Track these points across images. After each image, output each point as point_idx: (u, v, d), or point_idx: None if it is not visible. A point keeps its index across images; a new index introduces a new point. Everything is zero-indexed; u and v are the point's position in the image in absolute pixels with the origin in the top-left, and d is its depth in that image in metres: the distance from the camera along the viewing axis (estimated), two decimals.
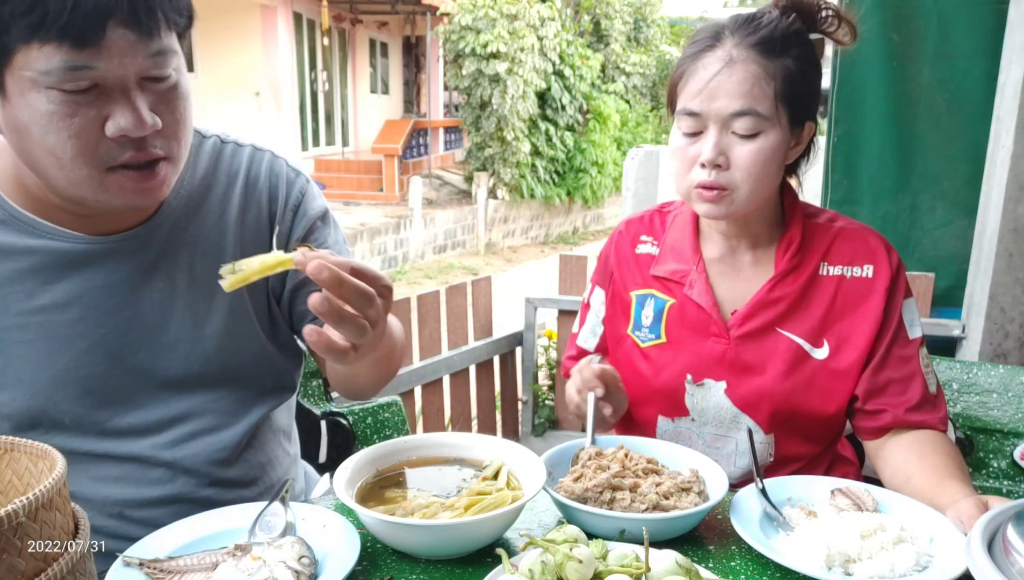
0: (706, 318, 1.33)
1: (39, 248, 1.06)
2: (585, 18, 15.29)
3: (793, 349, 1.30)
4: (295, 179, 1.23)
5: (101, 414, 1.11)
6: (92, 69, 0.90)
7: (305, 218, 1.22)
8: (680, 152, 1.26)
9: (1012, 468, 1.52)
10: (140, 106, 0.94)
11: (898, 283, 1.30)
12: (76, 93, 0.91)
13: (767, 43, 1.20)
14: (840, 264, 1.31)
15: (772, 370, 1.30)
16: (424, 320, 3.39)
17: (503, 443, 1.15)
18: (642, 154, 5.28)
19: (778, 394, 1.30)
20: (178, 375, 1.14)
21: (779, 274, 1.31)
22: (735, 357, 1.32)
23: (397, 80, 18.04)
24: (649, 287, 1.40)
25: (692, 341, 1.35)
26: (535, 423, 3.98)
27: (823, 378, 1.30)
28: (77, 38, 0.87)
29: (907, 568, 0.93)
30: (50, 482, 0.69)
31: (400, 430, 1.72)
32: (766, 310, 1.31)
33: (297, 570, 0.88)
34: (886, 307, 1.29)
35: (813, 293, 1.31)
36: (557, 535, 0.91)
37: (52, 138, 0.93)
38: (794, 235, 1.32)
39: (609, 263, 1.47)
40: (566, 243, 14.00)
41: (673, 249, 1.40)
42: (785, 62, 1.21)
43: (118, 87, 0.93)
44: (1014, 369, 1.55)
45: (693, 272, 1.36)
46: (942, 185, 2.73)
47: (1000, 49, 2.32)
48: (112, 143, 0.95)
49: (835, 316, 1.30)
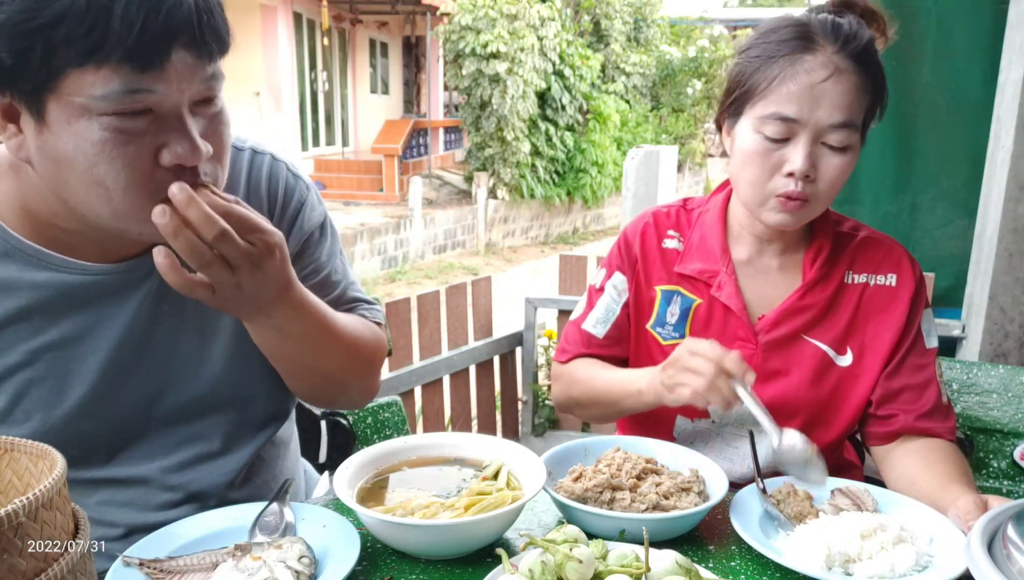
0: (734, 321, 1.32)
1: (45, 282, 1.00)
2: (585, 18, 15.28)
3: (819, 356, 1.30)
4: (295, 185, 1.18)
5: (111, 443, 1.09)
6: (151, 93, 0.85)
7: (302, 231, 1.18)
8: (761, 157, 1.19)
9: (1012, 468, 1.52)
10: (194, 133, 0.90)
11: (920, 293, 1.31)
12: (131, 119, 0.86)
13: (864, 55, 1.18)
14: (865, 272, 1.32)
15: (798, 376, 1.30)
16: (424, 320, 3.39)
17: (503, 443, 1.14)
18: (642, 154, 5.28)
19: (803, 400, 1.30)
20: (187, 399, 1.12)
21: (808, 282, 1.31)
22: (762, 362, 1.30)
23: (397, 80, 18.03)
24: (675, 284, 1.37)
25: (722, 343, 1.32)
26: (535, 423, 3.98)
27: (846, 385, 1.31)
28: (142, 61, 0.83)
29: (907, 568, 0.93)
30: (50, 482, 0.69)
31: (400, 430, 1.72)
32: (795, 317, 1.30)
33: (297, 570, 0.88)
34: (907, 317, 1.29)
35: (839, 302, 1.31)
36: (557, 535, 0.91)
37: (103, 168, 0.87)
38: (823, 243, 1.32)
39: (633, 251, 1.40)
40: (566, 243, 14.00)
41: (700, 248, 1.36)
42: (875, 75, 1.19)
43: (172, 113, 0.88)
44: (1014, 369, 1.56)
45: (723, 273, 1.33)
46: (942, 185, 2.73)
47: (1000, 49, 2.32)
48: (165, 172, 0.89)
49: (858, 324, 1.31)
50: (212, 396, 1.13)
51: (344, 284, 1.23)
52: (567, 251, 10.06)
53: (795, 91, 1.16)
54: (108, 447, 1.09)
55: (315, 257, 1.20)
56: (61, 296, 1.01)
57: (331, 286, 1.21)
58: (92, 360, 1.04)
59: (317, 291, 1.17)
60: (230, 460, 1.16)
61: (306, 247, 1.19)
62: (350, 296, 1.24)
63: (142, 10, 0.81)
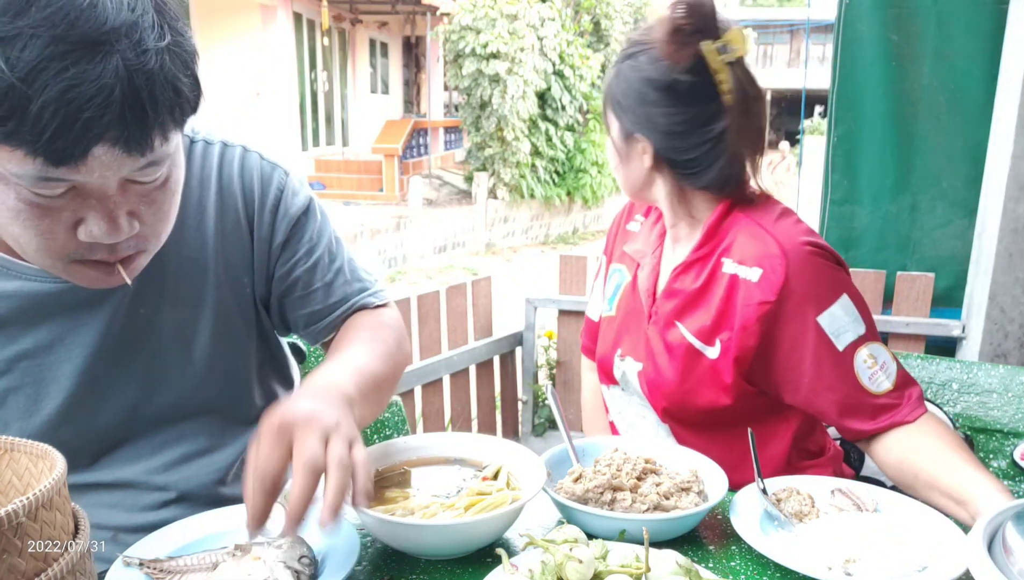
0: (638, 300, 1.40)
1: (16, 292, 0.99)
2: (585, 18, 15.28)
3: (685, 346, 1.29)
4: (271, 174, 1.13)
5: (93, 448, 1.08)
6: (68, 181, 0.81)
7: (287, 218, 1.13)
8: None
9: (1012, 468, 1.52)
10: (118, 214, 0.85)
11: (799, 297, 1.19)
12: (47, 197, 0.82)
13: None
14: (736, 261, 1.25)
15: (669, 364, 1.31)
16: (424, 320, 3.39)
17: (503, 443, 1.14)
18: None
19: (671, 387, 1.32)
20: (170, 402, 1.10)
21: (683, 265, 1.31)
22: (647, 342, 1.36)
23: (397, 80, 18.04)
24: (621, 262, 1.49)
25: (630, 319, 1.42)
26: (535, 423, 3.98)
27: (714, 375, 1.28)
28: (55, 156, 0.77)
29: (907, 568, 0.93)
30: (50, 482, 0.69)
31: (400, 430, 1.72)
32: (670, 300, 1.32)
33: (297, 570, 0.88)
34: (776, 323, 1.20)
35: (711, 289, 1.27)
36: (557, 535, 0.91)
37: (17, 229, 0.84)
38: (709, 225, 1.29)
39: (611, 233, 1.57)
40: (566, 243, 14.00)
41: (645, 231, 1.46)
42: None
43: (96, 193, 0.83)
44: (1014, 369, 1.55)
45: (649, 256, 1.41)
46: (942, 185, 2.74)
47: (1000, 49, 2.32)
48: (82, 243, 0.86)
49: (726, 315, 1.25)
50: (196, 398, 1.11)
51: (338, 265, 1.18)
52: (567, 251, 10.06)
53: None
54: (91, 452, 1.08)
55: (305, 239, 1.15)
56: (33, 305, 1.00)
57: (325, 268, 1.17)
58: (68, 367, 1.03)
59: (312, 275, 1.15)
60: (218, 458, 1.14)
61: (295, 231, 1.14)
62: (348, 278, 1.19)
63: (59, 112, 0.74)
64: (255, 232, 1.13)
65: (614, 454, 1.16)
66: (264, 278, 1.16)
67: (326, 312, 1.17)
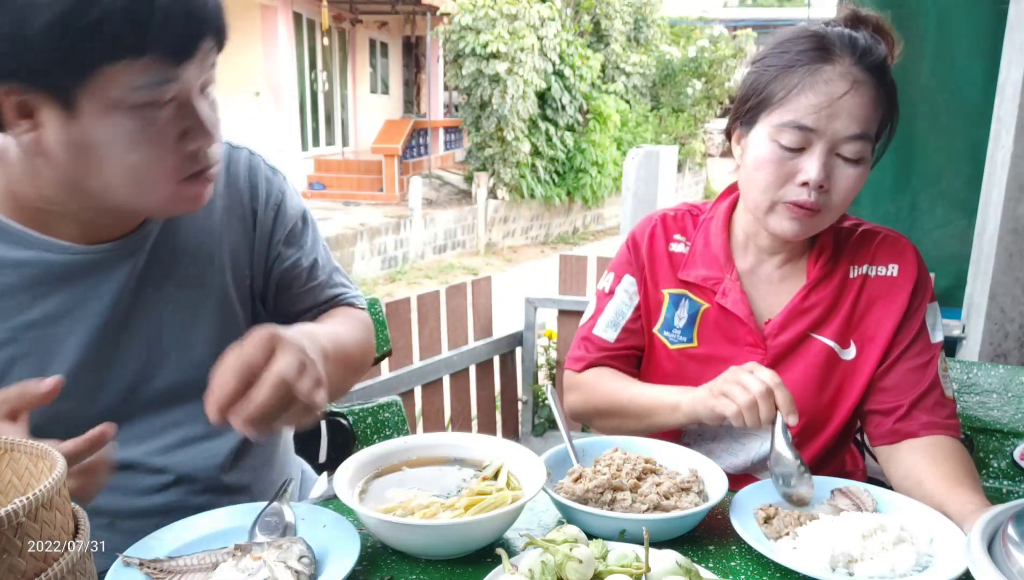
0: (742, 328, 1.32)
1: (29, 260, 1.03)
2: (585, 18, 15.28)
3: (825, 353, 1.30)
4: (273, 179, 1.23)
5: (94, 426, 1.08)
6: (178, 81, 0.92)
7: (286, 218, 1.22)
8: (774, 165, 1.19)
9: (1012, 468, 1.52)
10: (205, 118, 0.97)
11: (924, 285, 1.30)
12: (159, 109, 0.92)
13: (881, 68, 1.20)
14: (865, 263, 1.31)
15: (804, 376, 1.30)
16: (424, 320, 3.39)
17: (503, 443, 1.14)
18: (642, 154, 5.27)
19: (808, 402, 1.29)
20: (171, 384, 1.13)
21: (811, 282, 1.31)
22: (771, 366, 1.27)
23: (397, 80, 18.03)
24: (682, 289, 1.37)
25: (726, 349, 1.33)
26: (535, 423, 3.98)
27: (849, 380, 1.31)
28: (177, 52, 0.89)
29: (907, 568, 0.93)
30: (50, 482, 0.69)
31: (400, 430, 1.72)
32: (801, 318, 1.30)
33: (297, 570, 0.88)
34: (909, 307, 1.29)
35: (843, 296, 1.31)
36: (557, 535, 0.91)
37: (135, 156, 0.93)
38: (826, 243, 1.32)
39: (641, 253, 1.40)
40: (566, 243, 14.00)
41: (704, 254, 1.36)
42: (889, 90, 1.22)
43: (189, 100, 0.95)
44: (1014, 369, 1.56)
45: (727, 280, 1.33)
46: (942, 185, 2.73)
47: (1000, 49, 2.32)
48: (188, 156, 0.97)
49: (859, 315, 1.30)
50: (198, 380, 1.11)
51: (329, 268, 1.30)
52: (567, 251, 10.06)
53: (814, 101, 1.16)
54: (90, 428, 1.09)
55: (301, 245, 1.25)
56: (44, 274, 1.04)
57: (317, 272, 1.27)
58: (73, 339, 1.06)
59: (306, 277, 1.24)
60: (218, 443, 1.17)
61: (291, 237, 1.24)
62: (336, 281, 1.31)
63: (178, 10, 0.87)
64: (257, 228, 1.20)
65: (614, 454, 1.16)
66: (262, 272, 1.23)
67: (317, 309, 1.27)
